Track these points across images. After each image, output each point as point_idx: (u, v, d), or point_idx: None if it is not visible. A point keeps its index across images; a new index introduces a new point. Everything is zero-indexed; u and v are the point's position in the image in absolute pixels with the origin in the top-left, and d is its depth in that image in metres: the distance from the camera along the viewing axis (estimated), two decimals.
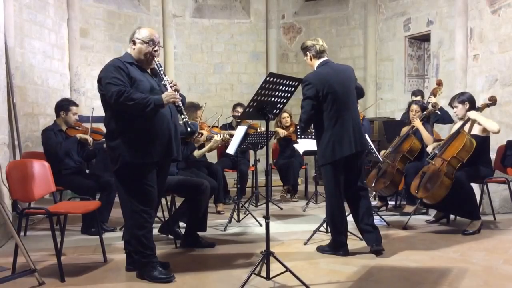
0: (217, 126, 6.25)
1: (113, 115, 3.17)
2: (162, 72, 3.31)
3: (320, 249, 3.86)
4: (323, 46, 3.77)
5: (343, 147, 3.60)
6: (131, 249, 3.26)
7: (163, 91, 3.22)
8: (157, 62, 3.29)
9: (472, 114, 4.48)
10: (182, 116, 3.27)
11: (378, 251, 3.72)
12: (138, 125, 3.13)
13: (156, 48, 3.28)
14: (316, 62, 3.76)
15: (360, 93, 3.97)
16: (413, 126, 5.24)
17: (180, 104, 3.25)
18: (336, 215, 3.75)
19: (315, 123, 3.72)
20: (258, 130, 5.86)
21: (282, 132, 6.43)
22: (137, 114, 3.09)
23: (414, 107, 5.33)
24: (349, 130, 3.61)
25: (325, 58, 3.77)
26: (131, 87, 3.10)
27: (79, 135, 4.65)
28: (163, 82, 3.27)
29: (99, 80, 3.16)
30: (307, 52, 3.78)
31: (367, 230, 3.79)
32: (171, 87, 3.21)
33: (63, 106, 4.72)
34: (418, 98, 5.95)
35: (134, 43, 3.27)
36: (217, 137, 5.15)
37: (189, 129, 3.29)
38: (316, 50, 3.74)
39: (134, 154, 3.12)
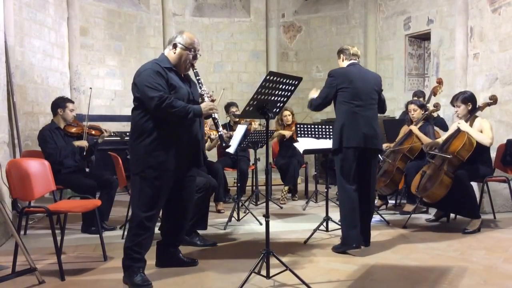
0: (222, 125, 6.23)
1: (144, 117, 3.08)
2: (200, 80, 3.29)
3: (335, 248, 3.86)
4: (357, 51, 4.02)
5: (359, 138, 3.74)
6: (125, 250, 3.14)
7: (195, 99, 3.22)
8: (195, 70, 3.26)
9: (463, 127, 4.48)
10: (219, 130, 3.26)
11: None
12: (168, 131, 3.07)
13: (197, 56, 3.24)
14: (346, 63, 3.98)
15: (381, 107, 4.06)
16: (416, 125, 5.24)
17: (217, 116, 3.23)
18: (348, 207, 3.77)
19: (335, 110, 3.89)
20: (253, 125, 5.88)
21: (287, 133, 6.44)
22: (174, 121, 3.06)
23: (412, 106, 5.33)
24: (365, 124, 3.76)
25: (355, 61, 3.98)
26: (170, 94, 3.05)
27: (77, 143, 4.65)
28: (200, 92, 3.27)
29: (136, 84, 3.09)
30: (341, 55, 4.03)
31: (365, 227, 3.89)
32: (208, 97, 3.21)
33: (60, 103, 4.76)
34: (420, 99, 5.93)
35: (175, 46, 3.19)
36: (213, 136, 5.16)
37: (224, 144, 3.29)
38: (349, 53, 3.98)
39: (163, 159, 3.06)
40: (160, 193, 3.12)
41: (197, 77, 3.30)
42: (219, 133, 3.27)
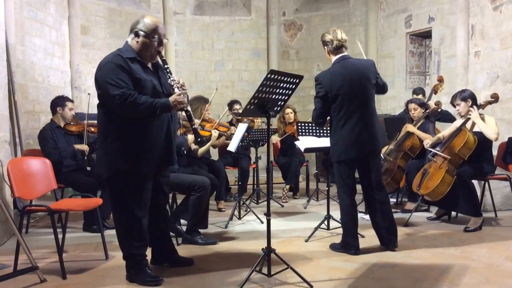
0: (226, 122, 6.23)
1: (109, 115, 2.92)
2: (168, 70, 3.06)
3: (332, 246, 3.85)
4: (341, 41, 3.67)
5: (348, 150, 3.62)
6: (123, 254, 3.14)
7: (165, 90, 3.04)
8: (162, 58, 3.07)
9: (473, 116, 4.46)
10: (192, 123, 3.06)
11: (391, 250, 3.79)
12: (136, 129, 2.90)
13: (162, 42, 3.03)
14: (333, 58, 3.71)
15: (381, 89, 3.84)
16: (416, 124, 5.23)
17: (189, 109, 3.04)
18: (346, 216, 3.75)
19: (330, 120, 3.74)
20: (256, 123, 5.89)
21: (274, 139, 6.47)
22: (140, 119, 2.88)
23: (412, 105, 5.33)
24: (355, 133, 3.59)
25: (343, 53, 3.70)
26: (134, 88, 2.85)
27: (77, 147, 4.68)
28: (169, 82, 3.02)
29: (97, 79, 2.90)
30: (325, 47, 3.74)
31: (380, 232, 3.84)
32: (178, 88, 2.96)
33: (59, 102, 4.78)
34: (419, 96, 5.92)
35: (137, 35, 2.96)
36: (214, 133, 5.16)
37: (199, 139, 3.10)
38: (333, 46, 3.66)
39: (131, 162, 2.92)
40: (141, 195, 3.02)
41: (165, 66, 3.06)
42: (193, 126, 3.07)
